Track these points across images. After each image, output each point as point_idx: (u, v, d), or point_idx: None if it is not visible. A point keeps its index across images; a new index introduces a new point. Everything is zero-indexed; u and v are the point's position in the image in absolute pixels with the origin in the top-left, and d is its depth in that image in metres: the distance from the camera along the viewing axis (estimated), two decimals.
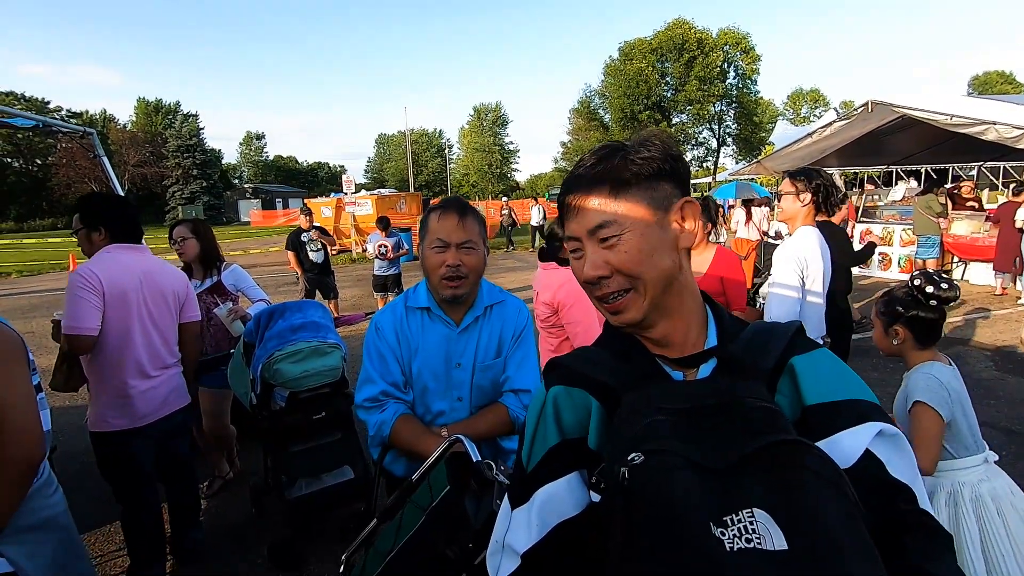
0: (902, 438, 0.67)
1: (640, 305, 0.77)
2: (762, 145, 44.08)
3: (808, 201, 2.60)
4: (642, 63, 42.94)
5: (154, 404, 2.42)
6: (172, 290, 2.54)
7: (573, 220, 0.79)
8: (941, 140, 10.64)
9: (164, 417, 2.47)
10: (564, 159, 53.16)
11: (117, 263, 2.32)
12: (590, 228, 0.77)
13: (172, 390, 2.53)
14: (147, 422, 2.39)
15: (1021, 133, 6.92)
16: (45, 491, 1.66)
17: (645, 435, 0.61)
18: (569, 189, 0.81)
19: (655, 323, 0.79)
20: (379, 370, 1.65)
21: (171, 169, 45.83)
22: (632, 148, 0.77)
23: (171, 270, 2.60)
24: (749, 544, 0.51)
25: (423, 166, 66.05)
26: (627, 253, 0.75)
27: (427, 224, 1.62)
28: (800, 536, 0.51)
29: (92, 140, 3.67)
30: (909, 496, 0.64)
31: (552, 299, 2.54)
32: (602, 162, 0.77)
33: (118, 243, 2.38)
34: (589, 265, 0.77)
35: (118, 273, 2.30)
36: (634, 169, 0.76)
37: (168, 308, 2.52)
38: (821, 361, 0.73)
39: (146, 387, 2.39)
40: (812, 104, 54.38)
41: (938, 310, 1.85)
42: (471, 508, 1.17)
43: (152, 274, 2.45)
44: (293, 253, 7.37)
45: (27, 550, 1.59)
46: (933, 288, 1.82)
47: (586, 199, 0.77)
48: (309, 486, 2.83)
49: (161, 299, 2.48)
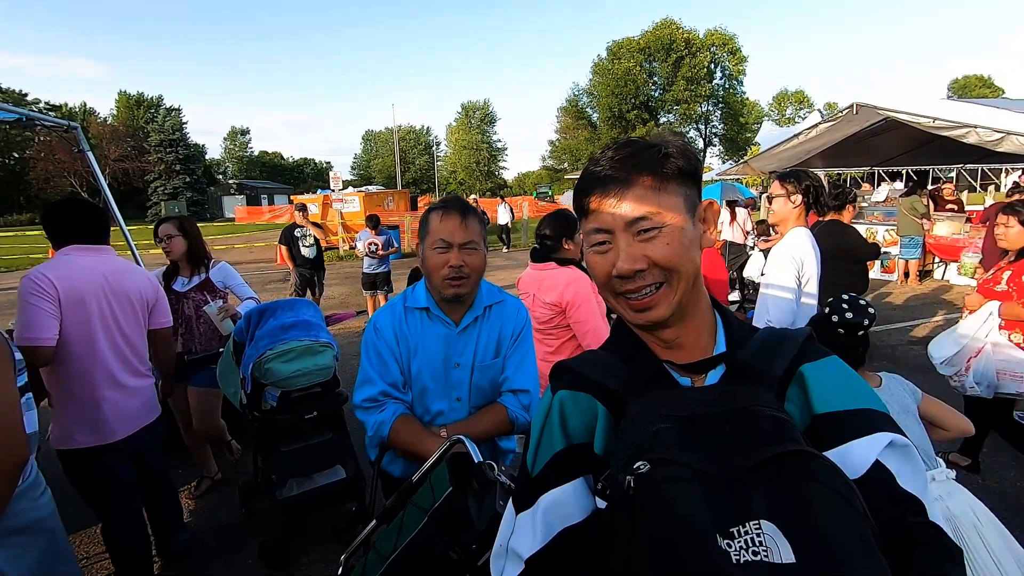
0: (912, 449, 0.67)
1: (670, 301, 0.76)
2: (748, 145, 44.60)
3: (799, 202, 2.61)
4: (630, 63, 43.18)
5: (128, 417, 2.29)
6: (139, 294, 2.38)
7: (607, 212, 0.77)
8: (923, 142, 10.82)
9: (138, 431, 2.35)
10: (552, 158, 53.27)
11: (73, 265, 2.17)
12: (629, 220, 0.75)
13: (145, 402, 2.41)
14: (120, 437, 2.26)
15: (1001, 136, 7.06)
16: (32, 493, 1.62)
17: (651, 443, 0.60)
18: (600, 182, 0.78)
19: (673, 324, 0.78)
20: (378, 370, 1.64)
21: (153, 164, 45.00)
22: (671, 146, 0.77)
23: (138, 272, 2.45)
24: (756, 557, 0.50)
25: (410, 163, 65.67)
26: (669, 246, 0.75)
27: (428, 224, 1.61)
28: (808, 549, 0.50)
29: (76, 134, 3.59)
30: (919, 508, 0.64)
31: (560, 299, 2.52)
32: (639, 155, 0.76)
33: (77, 244, 2.22)
34: (625, 258, 0.75)
35: (74, 276, 2.13)
36: (674, 165, 0.76)
37: (135, 312, 2.37)
38: (831, 369, 0.73)
39: (120, 398, 2.26)
40: (797, 105, 55.04)
41: (850, 335, 1.88)
42: (474, 509, 1.17)
43: (116, 276, 2.29)
44: (286, 248, 7.36)
45: (11, 554, 1.56)
46: (838, 317, 1.87)
47: (626, 191, 0.75)
48: (300, 486, 2.80)
49: (127, 303, 2.32)
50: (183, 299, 3.24)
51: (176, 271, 3.30)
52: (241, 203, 46.54)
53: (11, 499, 1.52)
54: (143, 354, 2.45)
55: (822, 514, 0.52)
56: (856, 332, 1.87)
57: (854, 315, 1.86)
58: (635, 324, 0.80)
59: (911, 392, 1.92)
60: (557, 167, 52.30)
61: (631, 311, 0.79)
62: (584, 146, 46.86)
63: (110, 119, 49.99)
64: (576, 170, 45.29)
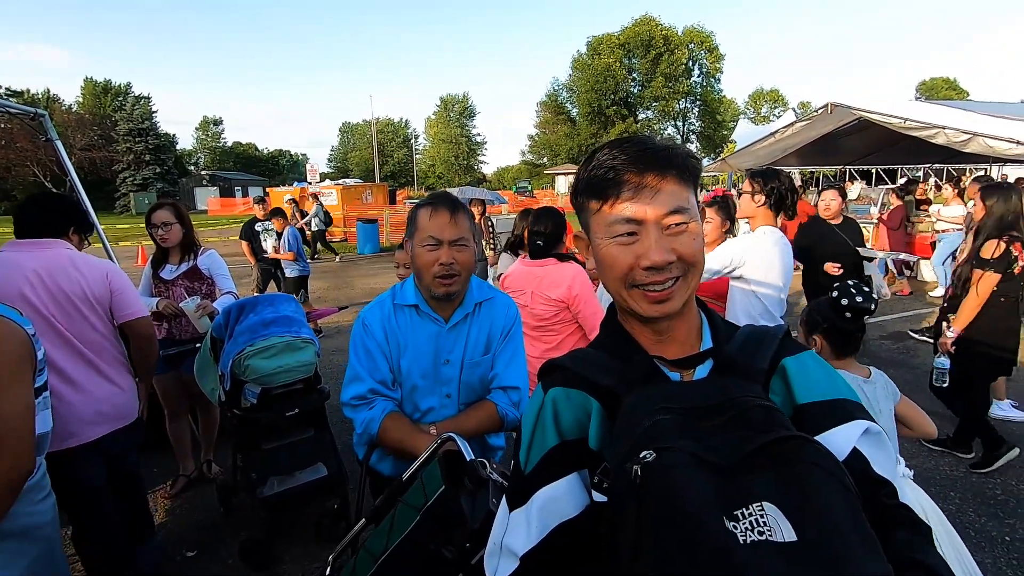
0: (884, 436, 0.72)
1: (684, 295, 0.79)
2: (724, 143, 45.18)
3: (761, 203, 2.65)
4: (610, 58, 43.40)
5: (90, 417, 2.16)
6: (82, 292, 2.17)
7: (641, 201, 0.76)
8: (892, 142, 11.13)
9: (111, 433, 2.23)
10: (531, 152, 53.26)
11: (6, 263, 2.05)
12: (667, 211, 0.75)
13: (115, 403, 2.26)
14: (89, 439, 2.14)
15: (968, 138, 7.30)
16: (32, 495, 1.52)
17: (652, 434, 0.62)
18: (638, 173, 0.76)
19: (675, 317, 0.81)
20: (367, 367, 1.62)
21: (122, 154, 43.57)
22: (684, 148, 0.81)
23: (84, 267, 2.21)
24: (761, 536, 0.53)
25: (389, 156, 64.95)
26: (695, 241, 0.78)
27: (417, 221, 1.59)
28: (808, 527, 0.53)
29: (44, 122, 3.44)
30: (891, 491, 0.69)
31: (567, 294, 2.55)
32: (666, 151, 0.77)
33: (19, 239, 2.11)
34: (657, 251, 0.75)
35: (4, 274, 2.02)
36: (693, 165, 0.80)
37: (77, 310, 2.16)
38: (809, 363, 0.79)
39: (76, 399, 2.12)
40: (772, 104, 56.04)
41: (854, 322, 1.91)
42: (467, 507, 1.16)
43: (53, 273, 2.10)
44: (247, 243, 7.18)
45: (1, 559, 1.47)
46: (848, 300, 1.88)
47: (662, 185, 0.76)
48: (282, 484, 2.76)
49: (66, 301, 2.13)
50: (171, 287, 3.17)
51: (165, 258, 3.21)
52: (214, 195, 45.54)
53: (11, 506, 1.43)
54: (104, 353, 2.27)
55: (818, 494, 0.55)
56: (861, 317, 1.90)
57: (863, 300, 1.88)
58: (646, 316, 0.80)
59: (893, 392, 1.97)
60: (536, 161, 52.34)
61: (647, 303, 0.79)
62: (563, 141, 46.98)
63: (75, 107, 48.25)
64: (555, 164, 45.36)
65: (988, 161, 10.00)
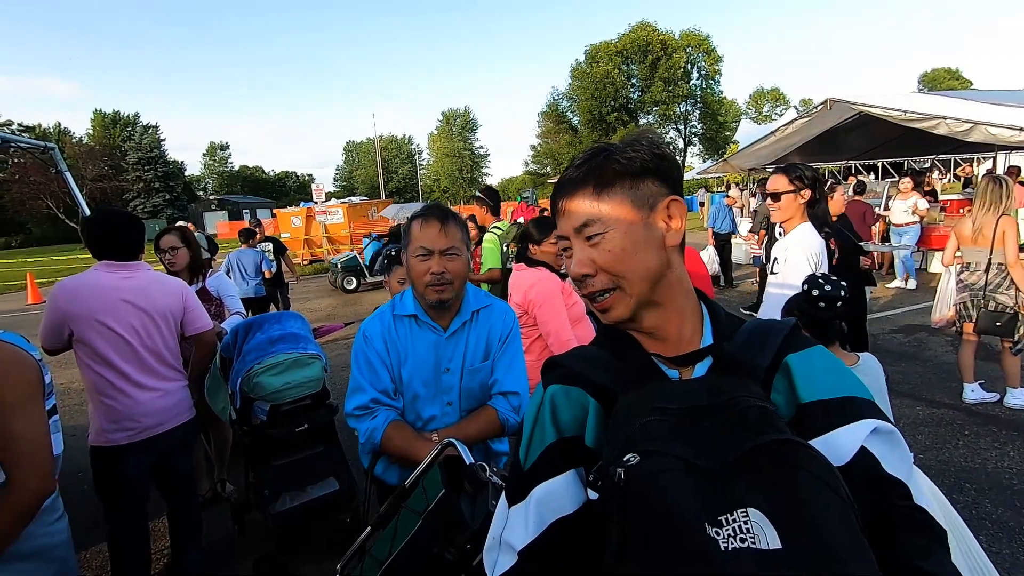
0: (897, 435, 0.68)
1: (627, 303, 0.79)
2: (727, 144, 45.06)
3: (808, 197, 2.55)
4: (608, 66, 43.57)
5: (151, 417, 2.34)
6: (161, 309, 2.42)
7: (562, 219, 0.82)
8: (895, 135, 11.08)
9: (165, 432, 2.38)
10: (534, 162, 53.43)
11: (87, 283, 2.26)
12: (576, 227, 0.79)
13: (173, 404, 2.44)
14: (144, 436, 2.31)
15: (970, 127, 7.26)
16: (47, 517, 1.54)
17: (641, 436, 0.62)
18: (558, 191, 0.83)
19: (643, 317, 0.80)
20: (369, 378, 1.65)
21: (132, 183, 44.47)
22: (617, 148, 0.79)
23: (162, 287, 2.47)
24: (743, 544, 0.51)
25: (393, 172, 65.52)
26: (611, 252, 0.77)
27: (409, 232, 1.63)
28: (794, 535, 0.52)
29: (54, 155, 3.55)
30: (904, 492, 0.65)
31: (523, 299, 2.61)
32: (587, 163, 0.80)
33: (108, 260, 2.32)
34: (575, 263, 0.80)
35: (84, 294, 2.23)
36: (616, 168, 0.77)
37: (155, 324, 2.40)
38: (816, 359, 0.75)
39: (143, 397, 2.32)
40: (773, 102, 55.92)
41: (828, 310, 1.94)
42: (467, 510, 1.18)
43: (141, 293, 2.35)
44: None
45: None
46: (818, 290, 1.94)
47: (571, 199, 0.80)
48: (294, 499, 2.79)
49: (147, 317, 2.36)
50: None
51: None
52: (223, 218, 46.13)
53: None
54: (170, 360, 2.47)
55: (807, 501, 0.54)
56: (835, 304, 1.93)
57: (832, 288, 1.93)
58: (605, 323, 0.83)
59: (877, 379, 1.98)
60: (540, 171, 52.48)
61: (597, 311, 0.82)
62: (566, 150, 47.09)
63: (85, 139, 49.25)
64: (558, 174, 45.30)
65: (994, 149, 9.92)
